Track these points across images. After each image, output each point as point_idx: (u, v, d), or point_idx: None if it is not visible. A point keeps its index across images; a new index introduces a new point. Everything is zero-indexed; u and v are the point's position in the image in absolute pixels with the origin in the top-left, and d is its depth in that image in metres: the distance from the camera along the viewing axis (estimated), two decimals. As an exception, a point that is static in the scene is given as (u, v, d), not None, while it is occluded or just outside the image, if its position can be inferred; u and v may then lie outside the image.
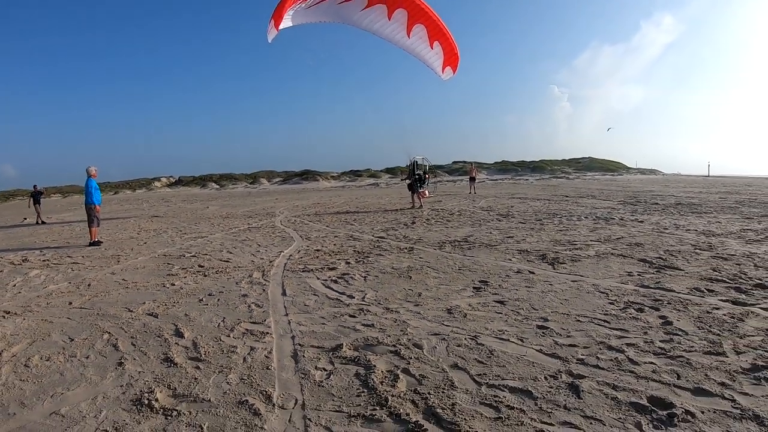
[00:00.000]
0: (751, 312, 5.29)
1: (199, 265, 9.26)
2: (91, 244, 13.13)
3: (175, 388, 3.87)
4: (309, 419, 3.28)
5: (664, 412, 3.19)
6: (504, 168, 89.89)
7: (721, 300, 5.80)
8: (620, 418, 3.15)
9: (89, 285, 8.00)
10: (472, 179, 35.63)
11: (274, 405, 3.51)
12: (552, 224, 13.68)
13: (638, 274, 7.24)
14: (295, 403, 3.53)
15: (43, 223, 22.76)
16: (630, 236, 10.85)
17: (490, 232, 12.29)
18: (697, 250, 8.94)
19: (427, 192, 21.90)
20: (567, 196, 26.81)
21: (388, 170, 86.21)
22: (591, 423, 3.10)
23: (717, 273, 7.12)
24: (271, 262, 9.34)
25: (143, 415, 3.45)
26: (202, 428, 3.21)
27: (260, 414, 3.37)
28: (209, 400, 3.62)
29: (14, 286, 8.31)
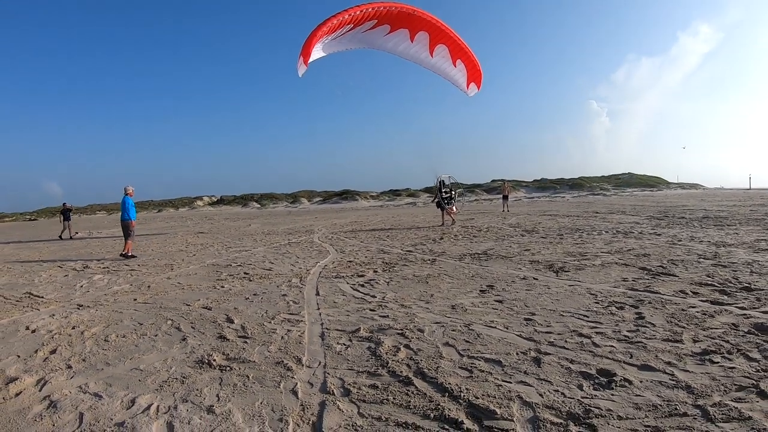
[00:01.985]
0: (725, 310, 5.99)
1: (245, 273, 10.43)
2: (124, 256, 14.34)
3: (228, 354, 5.02)
4: (327, 373, 4.36)
5: (605, 379, 4.04)
6: (542, 186, 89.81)
7: (701, 300, 6.49)
8: (567, 381, 4.05)
9: (149, 287, 9.23)
10: (505, 197, 36.34)
11: (303, 365, 4.61)
12: (571, 238, 14.41)
13: (633, 280, 8.00)
14: (319, 364, 4.62)
15: (71, 238, 24.51)
16: (641, 248, 11.53)
17: (510, 246, 13.14)
18: (700, 259, 9.59)
19: (455, 208, 22.71)
20: (597, 213, 27.31)
21: (427, 189, 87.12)
22: (542, 383, 4.02)
23: (709, 278, 7.80)
24: (308, 270, 10.45)
25: (204, 370, 4.59)
26: (248, 377, 4.32)
27: (292, 369, 4.47)
28: (254, 361, 4.75)
29: (81, 287, 9.62)
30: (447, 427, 3.32)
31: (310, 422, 3.47)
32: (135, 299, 8.10)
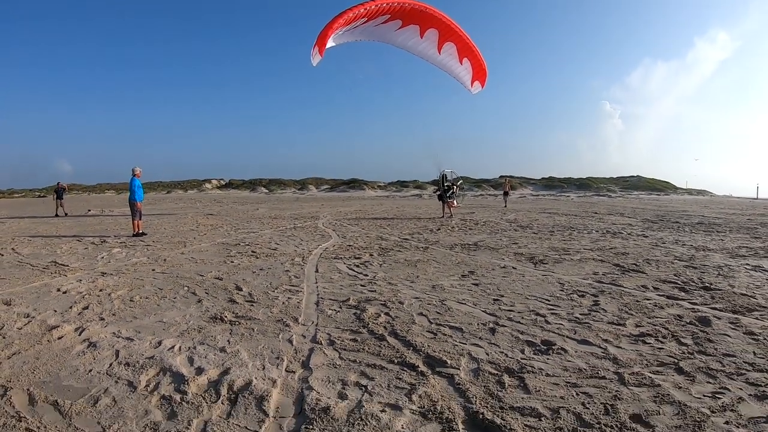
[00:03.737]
0: (677, 304, 6.72)
1: (252, 251, 11.41)
2: (135, 235, 15.11)
3: (237, 312, 6.00)
4: (318, 330, 5.32)
5: (545, 347, 4.90)
6: (550, 184, 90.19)
7: (658, 295, 7.26)
8: (512, 346, 4.93)
9: (165, 260, 10.20)
10: (506, 193, 37.16)
11: (299, 323, 5.59)
12: (561, 235, 15.27)
13: (603, 274, 8.81)
14: (312, 323, 5.58)
15: (66, 215, 25.53)
16: (623, 248, 12.35)
17: (501, 239, 14.04)
18: (675, 260, 10.35)
19: (455, 202, 23.64)
20: (596, 213, 28.14)
21: (435, 182, 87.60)
22: (491, 346, 4.92)
23: (675, 277, 8.56)
24: (310, 251, 11.41)
25: (216, 323, 5.57)
26: (253, 330, 5.29)
27: (289, 326, 5.44)
28: (258, 318, 5.73)
29: (102, 258, 10.60)
30: (405, 369, 4.25)
31: (300, 361, 4.43)
32: (153, 269, 9.06)
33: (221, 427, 3.26)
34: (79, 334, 5.22)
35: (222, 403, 3.61)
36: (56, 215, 25.55)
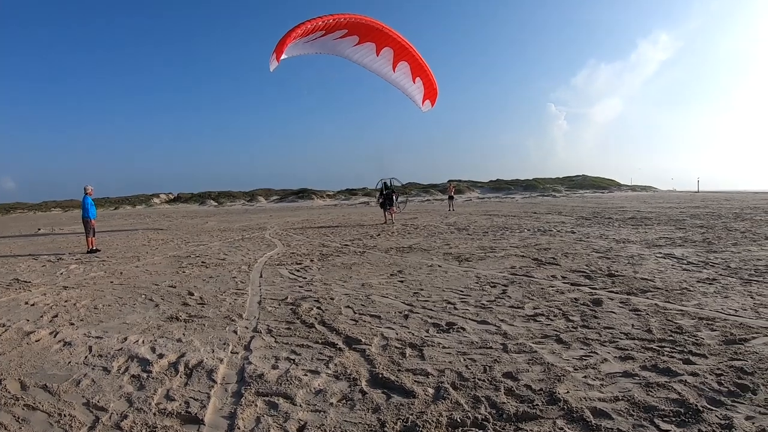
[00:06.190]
0: (578, 290, 7.69)
1: (202, 262, 12.34)
2: (89, 252, 15.70)
3: (190, 313, 7.02)
4: (259, 322, 6.40)
5: (447, 327, 6.00)
6: (497, 186, 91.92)
7: (564, 283, 8.22)
8: (419, 327, 6.01)
9: (121, 273, 11.04)
10: (451, 197, 38.49)
11: (243, 318, 6.66)
12: (493, 235, 16.55)
13: (519, 267, 9.91)
14: (254, 318, 6.65)
15: None
16: (548, 244, 13.65)
17: (435, 242, 15.22)
18: (591, 253, 11.57)
19: (395, 209, 24.83)
20: (535, 213, 29.75)
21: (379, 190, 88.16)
22: (402, 328, 6.01)
23: (585, 267, 9.64)
24: (256, 260, 12.40)
25: (173, 322, 6.59)
26: (204, 325, 6.33)
27: (235, 321, 6.51)
28: (209, 316, 6.77)
29: (62, 273, 11.34)
30: (327, 347, 5.37)
31: (243, 345, 5.50)
32: (112, 282, 9.91)
33: (180, 392, 4.29)
34: (54, 337, 6.12)
35: (180, 377, 4.66)
36: None
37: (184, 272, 10.78)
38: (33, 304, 8.07)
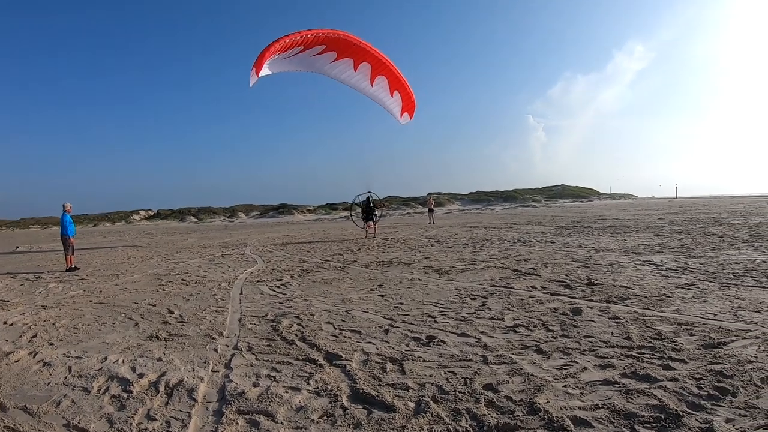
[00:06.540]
0: (558, 299, 7.84)
1: (182, 279, 12.28)
2: (68, 270, 15.55)
3: (170, 331, 7.01)
4: (240, 340, 6.41)
5: (428, 340, 6.08)
6: (477, 198, 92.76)
7: (544, 293, 8.35)
8: (400, 342, 6.07)
9: (101, 291, 10.96)
10: (431, 210, 38.74)
11: (223, 336, 6.66)
12: (473, 247, 16.70)
13: (499, 279, 10.03)
14: (235, 335, 6.66)
15: None
16: (527, 254, 13.82)
17: (415, 255, 15.30)
18: (571, 262, 11.78)
19: (372, 224, 24.98)
20: (516, 224, 30.19)
21: (360, 205, 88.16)
22: (382, 343, 6.07)
23: (565, 276, 9.82)
24: (236, 277, 12.37)
25: (153, 341, 6.57)
26: (185, 343, 6.33)
27: (215, 339, 6.51)
28: (189, 335, 6.77)
29: (41, 293, 11.23)
30: (308, 363, 5.41)
31: (224, 363, 5.52)
32: (91, 300, 9.83)
33: (161, 412, 4.31)
34: (33, 357, 6.09)
35: (161, 396, 4.67)
36: None
37: (164, 290, 10.73)
38: (11, 324, 8.00)
